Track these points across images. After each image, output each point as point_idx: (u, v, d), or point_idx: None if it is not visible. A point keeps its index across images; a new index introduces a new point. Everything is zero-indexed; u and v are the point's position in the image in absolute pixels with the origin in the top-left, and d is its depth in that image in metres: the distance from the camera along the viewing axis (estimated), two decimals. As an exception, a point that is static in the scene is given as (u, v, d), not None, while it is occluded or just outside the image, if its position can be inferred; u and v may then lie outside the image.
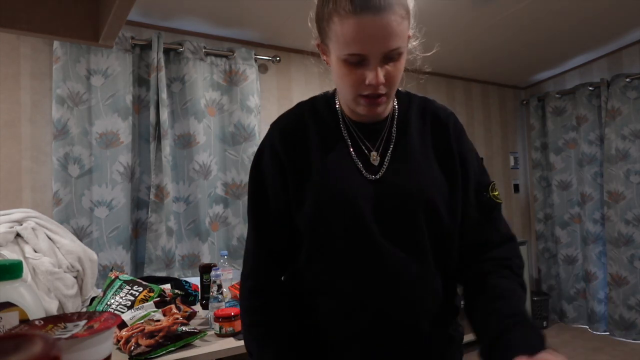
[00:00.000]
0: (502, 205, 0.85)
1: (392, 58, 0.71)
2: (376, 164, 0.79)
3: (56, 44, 2.30)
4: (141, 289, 1.54)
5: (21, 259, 1.37)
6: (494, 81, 4.09)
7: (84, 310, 1.57)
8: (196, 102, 2.60)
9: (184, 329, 1.28)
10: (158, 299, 1.47)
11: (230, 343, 1.33)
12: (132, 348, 1.20)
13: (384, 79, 0.71)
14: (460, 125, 0.86)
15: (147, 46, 2.52)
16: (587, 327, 3.59)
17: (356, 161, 0.79)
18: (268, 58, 2.91)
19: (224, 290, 1.63)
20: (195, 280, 1.89)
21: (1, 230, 1.41)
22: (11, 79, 2.25)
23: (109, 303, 1.48)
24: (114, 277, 1.60)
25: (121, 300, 1.49)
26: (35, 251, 1.45)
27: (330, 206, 0.76)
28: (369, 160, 0.79)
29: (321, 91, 0.89)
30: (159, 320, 1.31)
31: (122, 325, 1.30)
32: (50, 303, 1.39)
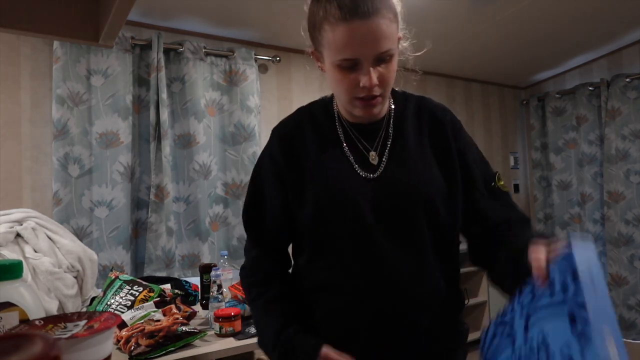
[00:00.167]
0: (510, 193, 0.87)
1: (383, 60, 0.73)
2: (375, 163, 0.80)
3: (56, 44, 2.30)
4: (141, 289, 1.54)
5: (21, 259, 1.37)
6: (494, 81, 4.09)
7: (84, 310, 1.57)
8: (196, 102, 2.60)
9: (184, 329, 1.28)
10: (158, 299, 1.47)
11: (230, 343, 1.33)
12: (132, 348, 1.20)
13: (377, 81, 0.73)
14: (458, 121, 0.87)
15: (147, 46, 2.52)
16: (587, 327, 3.59)
17: (354, 162, 0.80)
18: (268, 58, 2.91)
19: (224, 290, 1.63)
20: (195, 280, 1.89)
21: (1, 230, 1.41)
22: (11, 79, 2.25)
23: (109, 303, 1.48)
24: (114, 277, 1.60)
25: (121, 300, 1.49)
26: (35, 251, 1.45)
27: (330, 206, 0.78)
28: (367, 160, 0.81)
29: (321, 90, 0.92)
30: (159, 320, 1.31)
31: (122, 325, 1.30)
32: (50, 303, 1.39)
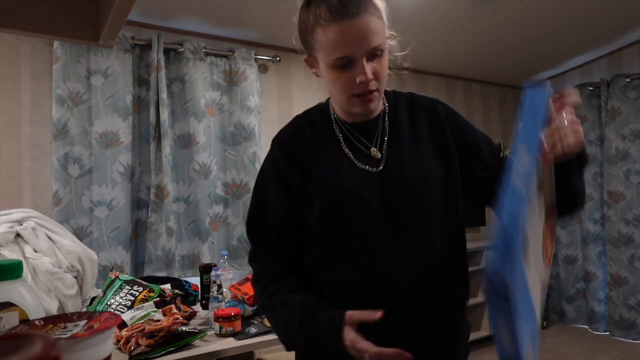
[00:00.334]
0: None
1: (375, 55, 0.77)
2: (378, 157, 0.83)
3: (56, 44, 2.30)
4: (141, 289, 1.54)
5: (21, 259, 1.37)
6: (494, 81, 4.09)
7: (84, 310, 1.57)
8: (196, 102, 2.60)
9: (184, 329, 1.28)
10: (158, 299, 1.47)
11: (230, 343, 1.33)
12: (132, 348, 1.20)
13: (372, 76, 0.76)
14: (448, 106, 0.91)
15: (147, 46, 2.52)
16: (587, 327, 3.59)
17: (354, 159, 0.83)
18: (268, 58, 2.91)
19: (224, 290, 1.63)
20: (195, 280, 1.89)
21: (1, 230, 1.41)
22: (11, 79, 2.25)
23: (109, 303, 1.48)
24: (114, 277, 1.60)
25: (121, 300, 1.49)
26: (35, 251, 1.45)
27: (336, 203, 0.80)
28: (369, 156, 0.83)
29: (321, 90, 0.93)
30: (159, 320, 1.31)
31: (122, 325, 1.30)
32: (50, 303, 1.39)
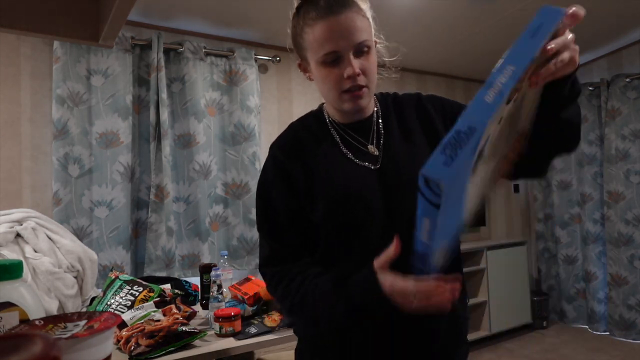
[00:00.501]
0: None
1: (362, 51, 0.79)
2: (376, 154, 0.85)
3: (56, 44, 2.30)
4: (141, 289, 1.54)
5: (21, 259, 1.37)
6: (494, 81, 4.09)
7: (84, 310, 1.57)
8: (196, 102, 2.60)
9: (184, 329, 1.28)
10: (158, 299, 1.47)
11: (230, 343, 1.33)
12: (132, 348, 1.20)
13: (359, 70, 0.78)
14: (431, 95, 0.94)
15: (147, 46, 2.52)
16: (587, 327, 3.59)
17: (353, 157, 0.84)
18: (268, 58, 2.91)
19: (224, 290, 1.63)
20: (195, 280, 1.89)
21: (1, 230, 1.41)
22: (11, 79, 2.25)
23: (109, 303, 1.48)
24: (114, 277, 1.60)
25: (121, 300, 1.49)
26: (35, 251, 1.45)
27: (339, 201, 0.81)
28: (367, 153, 0.85)
29: (320, 91, 0.92)
30: (159, 320, 1.31)
31: (122, 325, 1.30)
32: (50, 303, 1.39)
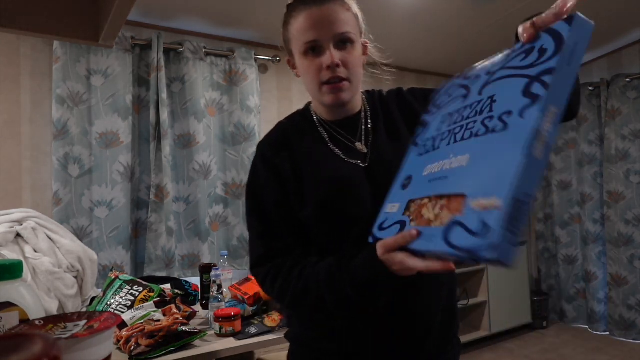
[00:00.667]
0: None
1: (343, 43, 0.79)
2: (365, 151, 0.84)
3: (56, 44, 2.30)
4: (141, 289, 1.54)
5: (21, 259, 1.37)
6: (494, 81, 4.09)
7: (84, 310, 1.57)
8: (196, 102, 2.60)
9: (184, 329, 1.28)
10: (158, 299, 1.47)
11: (230, 343, 1.33)
12: (132, 348, 1.20)
13: (339, 61, 0.78)
14: (412, 87, 0.94)
15: (147, 46, 2.52)
16: (587, 327, 3.59)
17: (342, 154, 0.83)
18: (268, 58, 2.91)
19: (224, 290, 1.63)
20: (195, 280, 1.89)
21: (1, 230, 1.41)
22: (11, 79, 2.25)
23: (109, 303, 1.48)
24: (114, 277, 1.60)
25: (121, 300, 1.49)
26: (35, 251, 1.45)
27: (330, 198, 0.80)
28: (355, 150, 0.84)
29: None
30: (159, 320, 1.31)
31: (122, 325, 1.30)
32: (50, 303, 1.39)
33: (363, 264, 0.69)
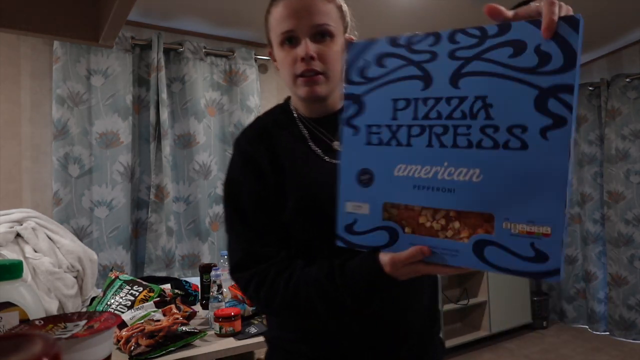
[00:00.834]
0: None
1: (322, 35, 0.76)
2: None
3: (56, 44, 2.30)
4: (141, 289, 1.54)
5: (21, 259, 1.37)
6: (494, 81, 4.09)
7: (84, 310, 1.57)
8: (196, 102, 2.60)
9: (184, 329, 1.28)
10: (158, 299, 1.47)
11: (230, 343, 1.33)
12: (132, 348, 1.20)
13: (314, 53, 0.74)
14: None
15: (147, 46, 2.52)
16: (587, 327, 3.59)
17: (322, 153, 0.80)
18: (268, 58, 2.91)
19: (224, 290, 1.63)
20: (195, 280, 1.89)
21: (1, 230, 1.41)
22: (11, 79, 2.25)
23: (109, 303, 1.48)
24: (114, 277, 1.60)
25: (121, 300, 1.49)
26: (35, 251, 1.45)
27: (309, 199, 0.76)
28: (335, 151, 0.80)
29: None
30: (159, 320, 1.31)
31: (122, 325, 1.30)
32: (50, 303, 1.39)
33: (367, 280, 0.66)
